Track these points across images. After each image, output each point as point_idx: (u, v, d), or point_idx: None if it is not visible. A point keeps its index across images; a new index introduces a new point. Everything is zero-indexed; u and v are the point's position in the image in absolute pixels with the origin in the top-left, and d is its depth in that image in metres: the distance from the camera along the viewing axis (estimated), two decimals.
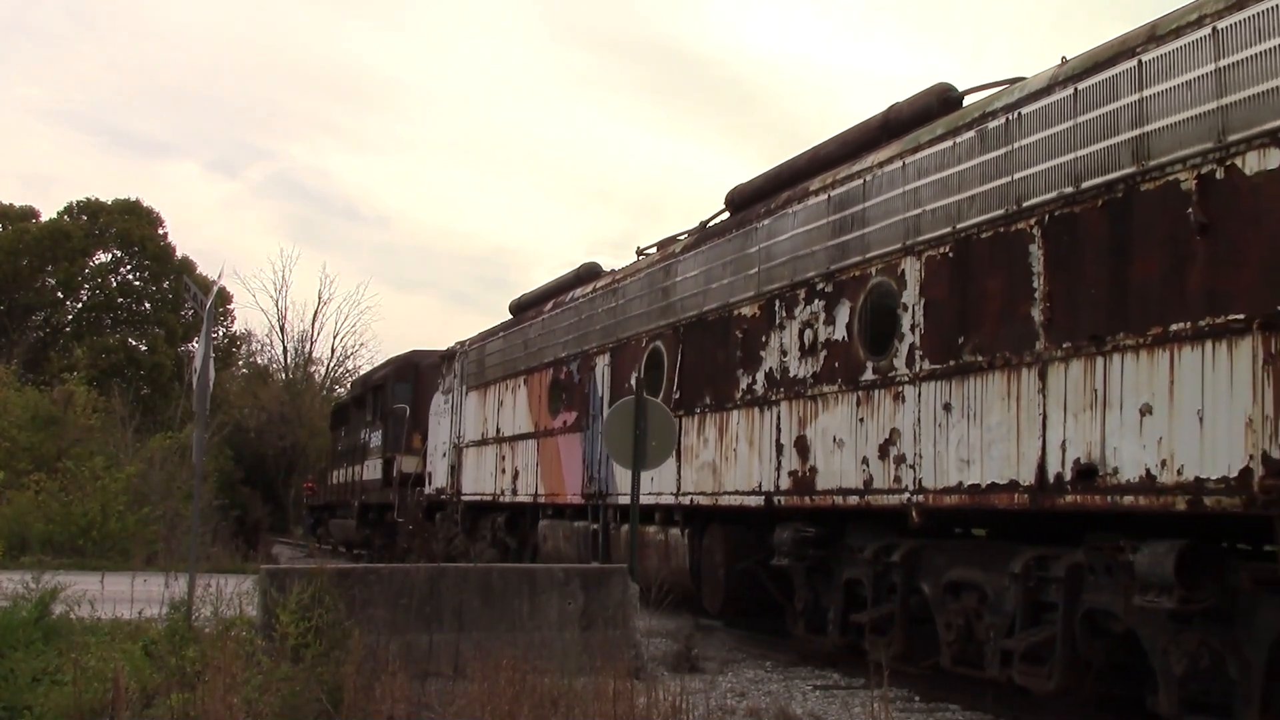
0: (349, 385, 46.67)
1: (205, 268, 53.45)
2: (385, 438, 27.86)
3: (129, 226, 49.29)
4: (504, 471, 19.81)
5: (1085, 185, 8.13)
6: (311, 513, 40.35)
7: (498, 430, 20.57)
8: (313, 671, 8.21)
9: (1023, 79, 9.45)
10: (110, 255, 50.78)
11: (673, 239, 15.12)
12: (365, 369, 49.95)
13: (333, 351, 59.01)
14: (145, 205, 50.93)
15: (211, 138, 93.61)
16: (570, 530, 16.62)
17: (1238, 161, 7.08)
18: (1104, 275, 7.98)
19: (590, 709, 7.68)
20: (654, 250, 15.49)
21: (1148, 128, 7.68)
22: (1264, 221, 6.91)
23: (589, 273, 18.17)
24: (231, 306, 54.38)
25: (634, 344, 15.23)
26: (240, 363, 58.11)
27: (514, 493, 19.26)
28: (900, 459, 9.75)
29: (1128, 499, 7.64)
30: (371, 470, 29.00)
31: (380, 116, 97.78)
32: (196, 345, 28.98)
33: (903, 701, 9.71)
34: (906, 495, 9.64)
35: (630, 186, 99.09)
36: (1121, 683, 8.40)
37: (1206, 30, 7.30)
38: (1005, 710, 9.15)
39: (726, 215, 13.64)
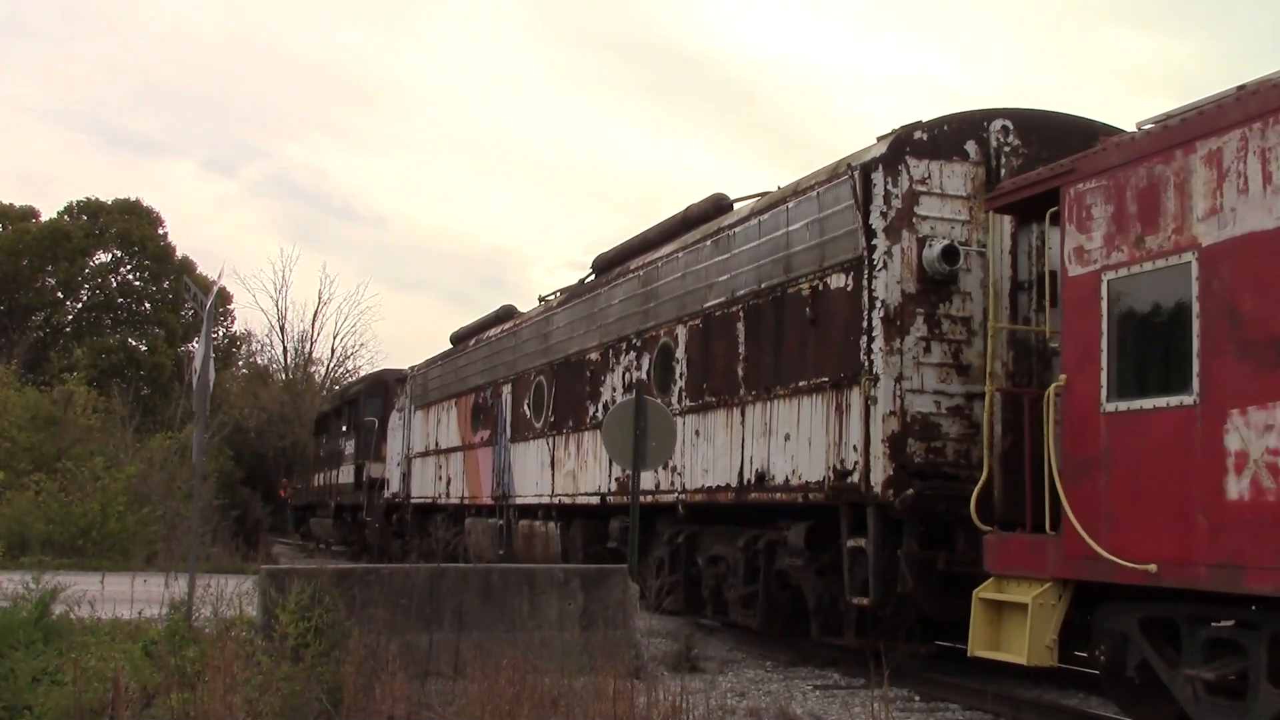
0: (331, 396, 52.22)
1: (205, 267, 57.56)
2: (357, 446, 34.09)
3: (129, 226, 53.53)
4: (441, 478, 25.62)
5: (763, 286, 13.37)
6: (295, 512, 46.81)
7: (437, 443, 26.44)
8: (313, 671, 8.83)
9: (770, 191, 14.61)
10: (110, 255, 55.07)
11: (566, 289, 20.53)
12: (365, 369, 55.64)
13: (333, 352, 64.25)
14: (145, 205, 55.43)
15: (208, 137, 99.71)
16: (486, 526, 22.16)
17: (828, 280, 12.27)
18: (771, 347, 13.19)
19: (590, 709, 8.33)
20: (553, 296, 20.95)
21: (790, 251, 12.88)
22: (835, 318, 12.10)
23: (506, 314, 23.78)
24: (231, 306, 59.02)
25: (526, 377, 20.79)
26: (240, 363, 62.86)
27: (448, 496, 25.08)
28: (674, 468, 15.03)
29: (779, 495, 12.87)
30: (346, 475, 35.29)
31: (377, 116, 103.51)
32: (196, 345, 30.49)
33: (903, 701, 10.88)
34: (677, 495, 14.92)
35: (627, 186, 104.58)
36: (800, 622, 13.60)
37: (815, 194, 12.48)
38: (1005, 710, 10.51)
39: (593, 276, 19.03)
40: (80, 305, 56.20)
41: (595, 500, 17.26)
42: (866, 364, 11.42)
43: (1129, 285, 9.33)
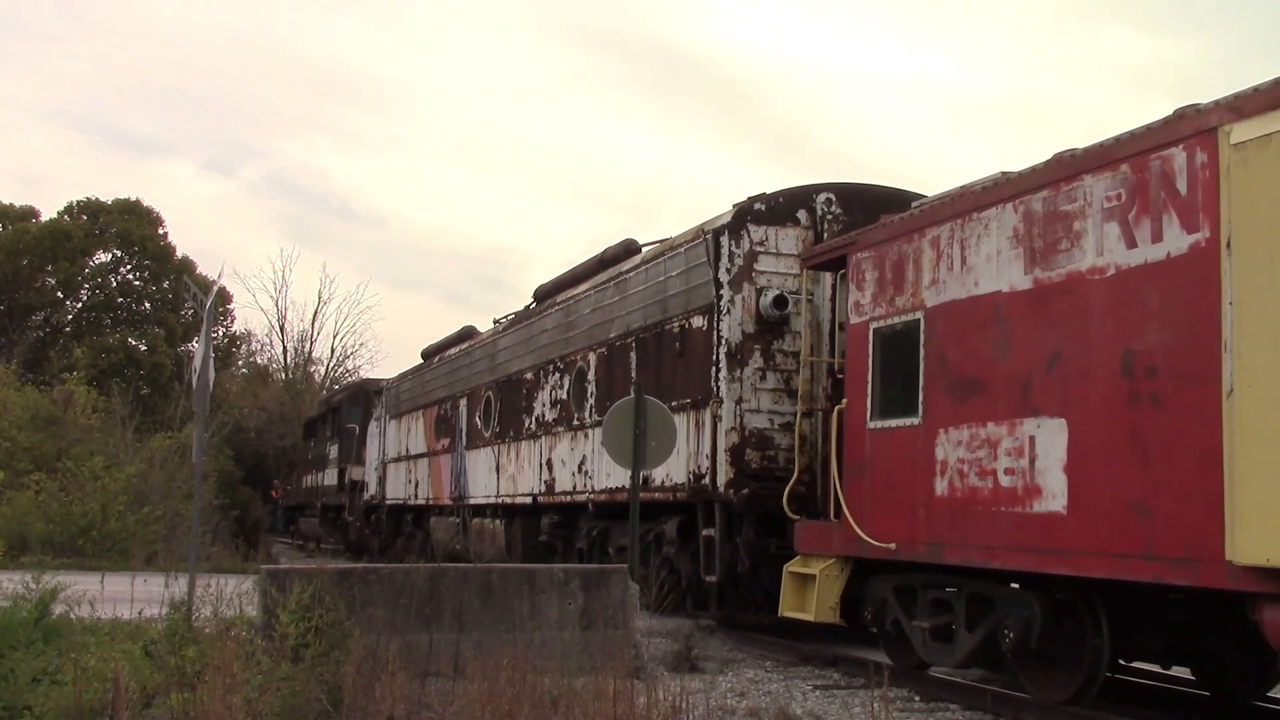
0: (319, 403, 56.50)
1: (205, 267, 61.93)
2: (340, 451, 38.75)
3: (129, 226, 57.60)
4: (410, 482, 30.05)
5: (649, 323, 17.45)
6: (285, 512, 51.80)
7: (407, 450, 30.88)
8: (313, 671, 9.18)
9: (672, 237, 18.73)
10: (110, 255, 59.08)
11: (513, 314, 24.87)
12: (365, 369, 60.27)
13: (332, 351, 69.50)
14: (145, 205, 59.54)
15: (205, 136, 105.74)
16: (447, 524, 26.42)
17: (692, 321, 16.34)
18: (654, 373, 17.24)
19: (590, 709, 8.63)
20: (506, 317, 25.25)
21: (667, 296, 16.96)
22: (696, 352, 16.19)
23: (467, 334, 28.11)
24: (231, 306, 63.33)
25: (478, 392, 24.99)
26: (240, 363, 67.27)
27: (416, 497, 29.46)
28: (587, 473, 19.17)
29: (658, 495, 16.98)
30: (330, 477, 40.01)
31: (375, 115, 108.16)
32: (196, 345, 31.65)
33: (903, 701, 11.60)
34: (588, 495, 19.10)
35: (626, 185, 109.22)
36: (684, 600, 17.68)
37: (683, 250, 16.59)
38: (1005, 710, 11.37)
39: (534, 304, 23.30)
40: (80, 305, 60.06)
41: (528, 500, 21.53)
42: (715, 389, 15.49)
43: (886, 333, 13.29)
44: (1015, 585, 11.66)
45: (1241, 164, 9.13)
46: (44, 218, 58.94)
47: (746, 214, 15.53)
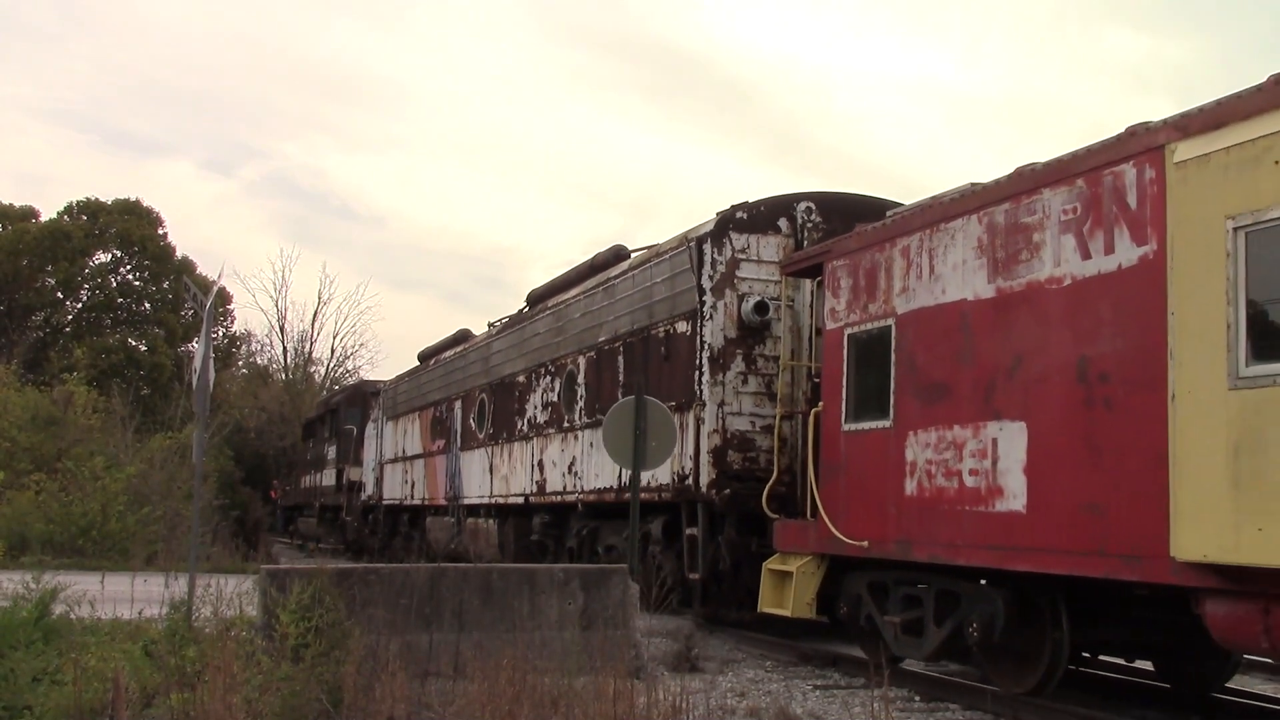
0: (317, 404, 57.10)
1: (205, 267, 62.12)
2: (339, 451, 39.55)
3: (129, 226, 57.93)
4: (407, 482, 30.76)
5: (635, 327, 18.06)
6: (284, 512, 52.63)
7: (403, 451, 31.60)
8: (313, 671, 9.22)
9: (658, 244, 19.37)
10: (110, 255, 59.39)
11: (507, 317, 25.54)
12: (365, 369, 61.00)
13: (332, 351, 69.80)
14: (145, 205, 59.85)
15: (206, 136, 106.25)
16: (442, 524, 27.10)
17: (676, 326, 16.96)
18: (641, 376, 17.86)
19: (590, 709, 8.66)
20: (501, 321, 25.91)
21: (652, 302, 17.58)
22: (680, 356, 16.80)
23: (462, 336, 28.79)
24: (231, 306, 63.60)
25: (472, 394, 25.65)
26: (240, 363, 67.75)
27: (412, 497, 30.17)
28: (576, 473, 19.80)
29: (643, 495, 17.60)
30: (328, 478, 40.82)
31: (375, 115, 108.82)
32: (196, 345, 32.05)
33: (903, 701, 11.65)
34: (578, 495, 19.74)
35: (626, 185, 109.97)
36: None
37: (668, 257, 17.23)
38: (1005, 710, 11.41)
39: (527, 308, 23.96)
40: (80, 305, 60.34)
41: (520, 500, 22.19)
42: (698, 392, 16.09)
43: (859, 339, 13.84)
44: (983, 581, 12.16)
45: (1182, 182, 9.70)
46: (44, 218, 59.28)
47: (729, 222, 16.14)
